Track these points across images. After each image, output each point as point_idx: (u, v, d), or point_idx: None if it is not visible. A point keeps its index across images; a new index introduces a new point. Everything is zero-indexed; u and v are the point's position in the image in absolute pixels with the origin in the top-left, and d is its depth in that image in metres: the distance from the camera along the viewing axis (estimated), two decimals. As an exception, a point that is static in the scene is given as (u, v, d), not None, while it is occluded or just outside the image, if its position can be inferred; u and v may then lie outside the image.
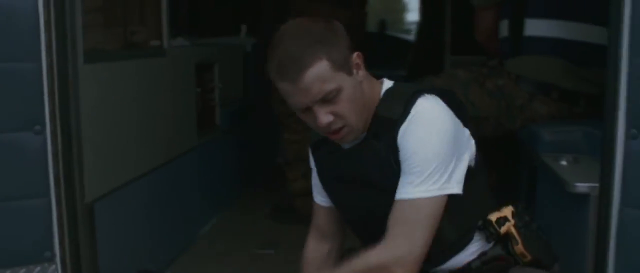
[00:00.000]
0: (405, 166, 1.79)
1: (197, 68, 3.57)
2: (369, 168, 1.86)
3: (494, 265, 1.93)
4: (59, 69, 2.16)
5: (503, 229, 1.90)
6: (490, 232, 1.90)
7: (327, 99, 1.75)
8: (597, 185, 2.02)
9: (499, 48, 2.95)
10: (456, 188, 1.80)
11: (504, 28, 2.86)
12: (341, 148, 1.92)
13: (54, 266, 2.20)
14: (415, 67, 5.21)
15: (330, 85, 1.74)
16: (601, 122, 2.00)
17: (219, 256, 3.29)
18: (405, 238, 1.77)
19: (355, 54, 1.81)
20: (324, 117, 1.77)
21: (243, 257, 3.29)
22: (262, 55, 4.99)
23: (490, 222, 1.90)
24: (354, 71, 1.80)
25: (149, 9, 3.09)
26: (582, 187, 2.15)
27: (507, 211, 1.93)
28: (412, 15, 6.02)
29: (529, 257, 1.92)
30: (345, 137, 1.83)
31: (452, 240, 1.91)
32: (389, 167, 1.82)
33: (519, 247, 1.92)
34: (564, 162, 2.39)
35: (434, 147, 1.77)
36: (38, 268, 2.18)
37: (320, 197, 2.07)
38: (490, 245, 1.94)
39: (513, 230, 1.91)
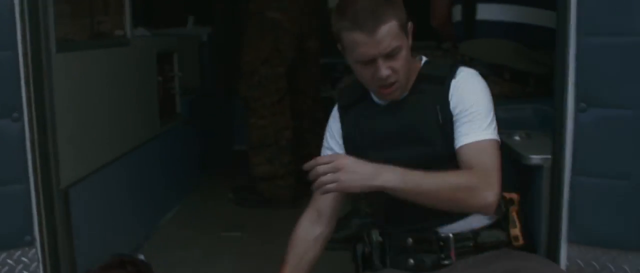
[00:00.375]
0: (466, 115, 1.98)
1: (158, 57, 3.64)
2: (411, 120, 2.04)
3: (492, 240, 2.06)
4: (34, 58, 2.22)
5: (511, 209, 2.07)
6: (500, 208, 2.05)
7: (391, 55, 1.93)
8: (549, 156, 2.18)
9: (453, 33, 3.10)
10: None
11: (457, 12, 3.00)
12: (378, 106, 2.09)
13: (33, 250, 2.26)
14: None
15: (397, 42, 1.93)
16: (550, 99, 2.17)
17: (187, 239, 3.37)
18: (490, 169, 1.93)
19: (410, 23, 2.01)
20: (385, 70, 1.94)
21: (211, 240, 3.38)
22: (217, 45, 5.07)
23: (503, 197, 2.05)
24: (409, 35, 2.00)
25: (112, 0, 3.15)
26: (535, 158, 2.28)
27: (514, 195, 2.09)
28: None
29: (521, 242, 2.06)
30: (394, 92, 2.01)
31: None
32: (434, 118, 2.01)
33: (516, 231, 2.07)
34: (517, 138, 2.54)
35: (488, 101, 2.02)
36: (18, 252, 2.24)
37: None
38: (492, 219, 2.07)
39: (515, 214, 2.07)
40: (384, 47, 1.93)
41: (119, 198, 2.99)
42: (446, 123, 2.01)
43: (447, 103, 2.01)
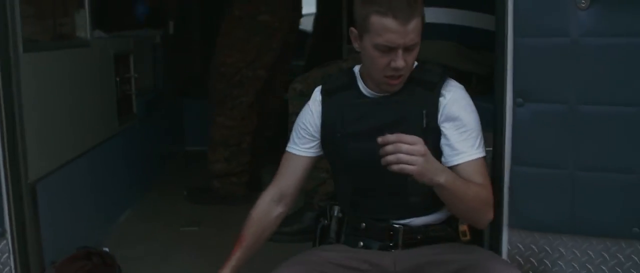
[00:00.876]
0: (460, 132, 2.08)
1: (115, 59, 3.73)
2: (396, 117, 2.11)
3: (440, 234, 2.22)
4: (2, 57, 2.32)
5: None
6: None
7: (410, 48, 2.03)
8: (490, 149, 2.36)
9: None
10: None
11: None
12: (366, 97, 2.17)
13: (4, 241, 2.36)
14: (313, 56, 5.39)
15: (418, 38, 2.03)
16: (489, 97, 2.35)
17: (147, 234, 3.47)
18: (489, 186, 2.08)
19: None
20: (401, 61, 2.02)
21: (169, 235, 3.49)
22: (169, 47, 5.12)
23: None
24: None
25: (72, 2, 3.23)
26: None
27: None
28: (309, 7, 6.29)
29: (468, 237, 2.22)
30: (398, 84, 2.10)
31: (429, 202, 2.17)
32: (419, 120, 2.10)
33: (464, 227, 2.23)
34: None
35: (477, 118, 2.12)
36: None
37: (307, 151, 2.26)
38: (443, 217, 2.22)
39: None
40: (410, 39, 2.01)
41: (82, 194, 3.08)
42: (429, 128, 2.10)
43: (436, 111, 2.11)
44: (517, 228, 2.28)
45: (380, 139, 1.89)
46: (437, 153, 2.13)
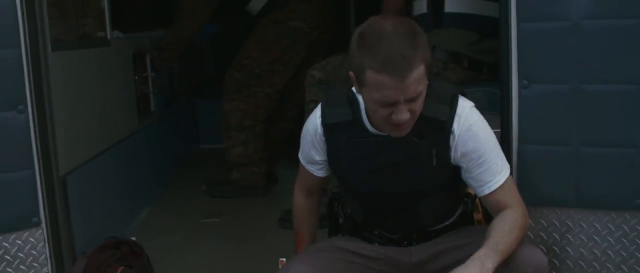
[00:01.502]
0: (480, 163, 2.05)
1: (133, 58, 3.86)
2: (405, 157, 2.07)
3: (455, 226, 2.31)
4: (33, 55, 2.44)
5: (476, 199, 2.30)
6: (471, 203, 2.31)
7: (413, 99, 1.91)
8: (498, 130, 2.47)
9: None
10: None
11: (423, 5, 3.23)
12: (372, 135, 2.09)
13: (40, 231, 2.48)
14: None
15: (421, 87, 1.91)
16: (498, 83, 2.46)
17: (169, 227, 3.60)
18: (521, 202, 2.11)
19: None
20: (404, 114, 1.92)
21: (191, 226, 3.62)
22: (183, 49, 5.21)
23: (471, 195, 2.29)
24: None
25: (92, 4, 3.37)
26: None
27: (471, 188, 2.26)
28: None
29: (483, 224, 2.31)
30: (405, 131, 2.00)
31: (441, 217, 2.29)
32: (429, 159, 2.06)
33: (479, 216, 2.33)
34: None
35: (493, 137, 2.10)
36: (26, 233, 2.45)
37: (314, 169, 2.29)
38: (454, 218, 2.31)
39: (477, 201, 2.30)
40: (410, 93, 1.89)
41: (108, 187, 3.21)
42: (441, 165, 2.09)
43: (448, 149, 2.06)
44: (526, 205, 2.36)
45: None
46: (455, 183, 2.18)
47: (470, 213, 2.35)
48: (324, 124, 2.17)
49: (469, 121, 2.06)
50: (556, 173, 2.34)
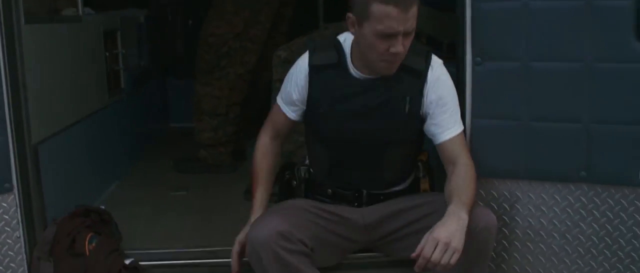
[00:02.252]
0: (443, 110, 2.32)
1: (104, 35, 3.93)
2: (380, 101, 2.31)
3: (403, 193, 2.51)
4: (6, 28, 2.51)
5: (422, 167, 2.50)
6: (422, 168, 2.50)
7: (408, 34, 2.18)
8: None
9: None
10: None
11: None
12: (354, 78, 2.33)
13: (12, 196, 2.56)
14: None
15: (414, 25, 2.18)
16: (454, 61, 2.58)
17: (138, 199, 3.67)
18: (469, 157, 2.34)
19: None
20: (400, 46, 2.18)
21: (159, 199, 3.70)
22: (153, 26, 5.27)
23: (423, 161, 2.50)
24: None
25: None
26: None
27: (423, 155, 2.51)
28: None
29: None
30: (394, 68, 2.26)
31: (399, 177, 2.48)
32: (402, 105, 2.31)
33: (425, 185, 2.52)
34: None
35: (455, 95, 2.37)
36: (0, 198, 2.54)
37: (289, 110, 2.46)
38: (406, 185, 2.50)
39: (425, 170, 2.51)
40: (409, 26, 2.15)
41: (78, 158, 3.29)
42: (412, 112, 2.33)
43: (420, 96, 2.32)
44: (479, 177, 2.49)
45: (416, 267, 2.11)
46: (419, 135, 2.39)
47: (418, 180, 2.48)
48: (310, 65, 2.38)
49: (440, 72, 2.35)
50: (507, 147, 2.48)
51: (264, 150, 2.54)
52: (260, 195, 2.47)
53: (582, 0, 2.29)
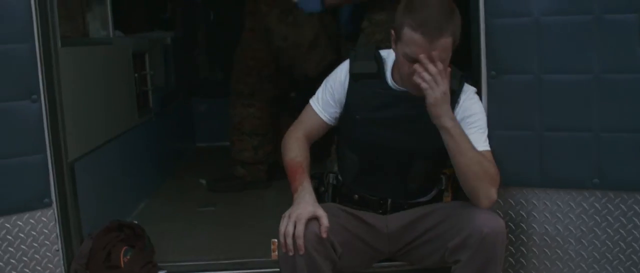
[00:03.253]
0: (471, 126, 2.42)
1: (133, 56, 4.09)
2: (415, 113, 2.41)
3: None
4: (45, 49, 2.66)
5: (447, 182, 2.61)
6: (445, 181, 2.60)
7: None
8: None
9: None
10: None
11: None
12: (391, 89, 2.46)
13: (51, 211, 2.70)
14: None
15: (444, 55, 2.28)
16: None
17: (168, 215, 3.81)
18: (497, 176, 2.41)
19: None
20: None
21: (189, 215, 3.83)
22: (179, 48, 5.42)
23: (446, 174, 2.59)
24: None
25: (96, 4, 3.60)
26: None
27: (449, 170, 2.57)
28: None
29: None
30: (421, 92, 2.33)
31: (424, 189, 2.59)
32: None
33: (448, 198, 2.61)
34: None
35: (484, 120, 2.47)
36: (39, 213, 2.67)
37: (325, 113, 2.56)
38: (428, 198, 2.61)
39: (449, 184, 2.60)
40: (435, 55, 2.26)
41: (111, 175, 3.44)
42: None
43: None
44: (495, 186, 2.62)
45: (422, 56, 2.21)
46: (444, 154, 2.43)
47: (441, 192, 2.59)
48: (351, 73, 2.51)
49: (472, 96, 2.48)
50: (522, 156, 2.57)
51: (299, 143, 2.54)
52: (307, 184, 2.44)
53: (590, 15, 2.39)
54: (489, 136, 2.55)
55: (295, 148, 2.54)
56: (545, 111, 2.51)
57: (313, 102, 2.61)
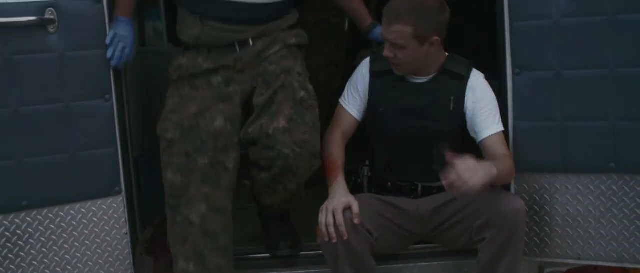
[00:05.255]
0: (484, 110, 2.76)
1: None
2: (428, 100, 2.79)
3: None
4: (115, 58, 2.98)
5: None
6: None
7: (395, 46, 2.70)
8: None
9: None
10: None
11: None
12: (405, 82, 2.82)
13: (121, 198, 3.00)
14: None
15: (400, 41, 2.68)
16: (490, 73, 2.95)
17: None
18: (510, 154, 2.75)
19: (434, 37, 2.70)
20: (387, 51, 2.73)
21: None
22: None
23: None
24: (426, 45, 2.70)
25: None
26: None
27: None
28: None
29: None
30: (397, 68, 2.77)
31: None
32: (447, 104, 2.78)
33: None
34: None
35: (495, 102, 2.80)
36: (110, 200, 2.98)
37: (354, 110, 2.91)
38: None
39: None
40: (392, 38, 2.69)
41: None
42: (456, 110, 2.78)
43: (463, 96, 2.77)
44: (521, 172, 2.87)
45: (445, 182, 2.44)
46: (463, 131, 2.79)
47: None
48: (371, 71, 2.87)
49: (480, 79, 2.82)
50: (545, 144, 2.84)
51: (335, 143, 2.89)
52: (341, 179, 2.77)
53: (604, 15, 2.67)
54: (514, 128, 2.85)
55: (331, 147, 2.89)
56: (565, 103, 2.78)
57: (342, 100, 2.96)
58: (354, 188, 2.99)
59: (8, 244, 2.81)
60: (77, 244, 2.92)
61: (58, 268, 2.90)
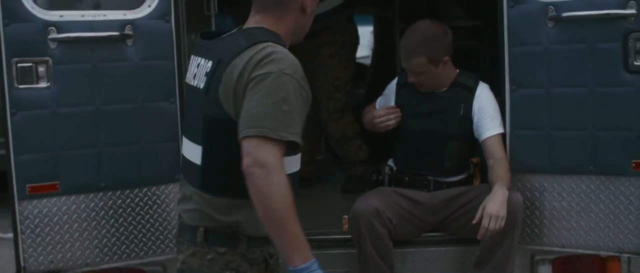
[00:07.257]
0: (487, 114, 3.39)
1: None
2: (442, 107, 3.43)
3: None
4: (179, 65, 3.51)
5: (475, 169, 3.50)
6: (473, 168, 3.49)
7: (417, 73, 3.37)
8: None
9: None
10: None
11: None
12: (423, 92, 3.46)
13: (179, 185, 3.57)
14: (372, 87, 6.04)
15: (420, 69, 3.37)
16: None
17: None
18: (505, 154, 3.32)
19: (445, 57, 3.36)
20: (411, 78, 3.42)
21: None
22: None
23: (474, 163, 3.49)
24: (441, 65, 3.36)
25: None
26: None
27: (476, 159, 3.50)
28: (367, 42, 7.45)
29: None
30: (421, 87, 3.45)
31: (457, 168, 3.47)
32: (458, 109, 3.42)
33: (476, 183, 3.48)
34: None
35: (497, 108, 3.41)
36: (171, 186, 3.53)
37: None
38: (462, 177, 3.51)
39: (477, 172, 3.49)
40: (412, 69, 3.37)
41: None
42: (465, 116, 3.39)
43: (471, 104, 3.39)
44: (516, 172, 3.41)
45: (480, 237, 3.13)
46: (470, 133, 3.38)
47: (471, 178, 3.45)
48: (397, 83, 3.63)
49: (485, 89, 3.48)
50: (536, 150, 3.39)
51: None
52: None
53: (585, 44, 3.22)
54: (511, 135, 3.40)
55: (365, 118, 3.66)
56: (552, 115, 3.33)
57: (378, 102, 3.62)
58: (376, 184, 3.58)
59: (87, 218, 3.38)
60: (143, 222, 3.47)
61: (126, 241, 3.46)
